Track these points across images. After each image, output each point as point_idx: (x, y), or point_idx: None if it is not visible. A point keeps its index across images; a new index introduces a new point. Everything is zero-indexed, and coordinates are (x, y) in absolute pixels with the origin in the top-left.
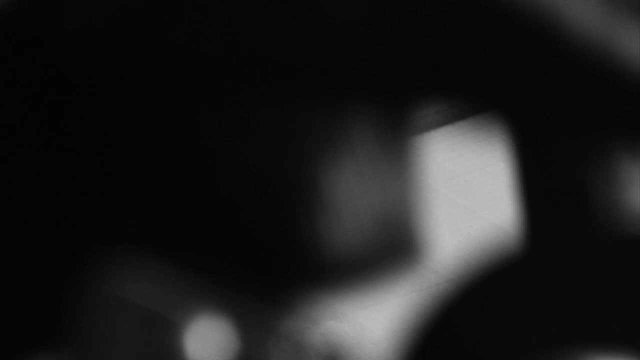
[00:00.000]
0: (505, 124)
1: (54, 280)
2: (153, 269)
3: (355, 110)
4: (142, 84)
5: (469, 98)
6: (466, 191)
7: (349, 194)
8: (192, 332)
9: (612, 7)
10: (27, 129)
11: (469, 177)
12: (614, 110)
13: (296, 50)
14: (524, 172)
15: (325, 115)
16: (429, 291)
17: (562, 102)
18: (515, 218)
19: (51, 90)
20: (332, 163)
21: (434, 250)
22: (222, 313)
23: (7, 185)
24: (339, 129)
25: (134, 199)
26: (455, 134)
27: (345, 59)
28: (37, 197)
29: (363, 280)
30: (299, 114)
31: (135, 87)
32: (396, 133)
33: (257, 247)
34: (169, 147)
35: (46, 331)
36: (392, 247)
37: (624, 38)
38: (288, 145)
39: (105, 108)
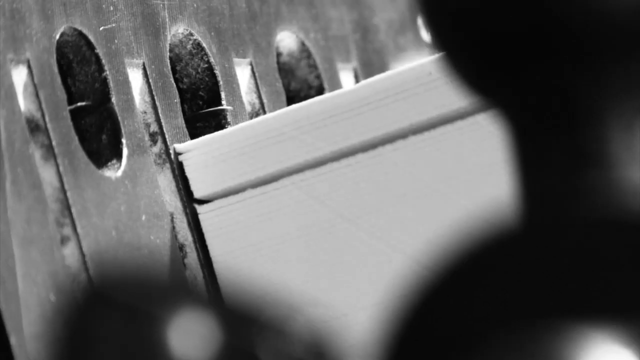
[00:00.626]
0: (506, 121)
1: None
2: (135, 265)
3: None
4: None
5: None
6: (465, 190)
7: None
8: (175, 326)
9: None
10: None
11: (468, 176)
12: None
13: None
14: (524, 171)
15: None
16: (412, 279)
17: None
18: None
19: None
20: None
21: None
22: (207, 305)
23: None
24: None
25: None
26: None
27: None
28: None
29: None
30: None
31: None
32: None
33: None
34: None
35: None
36: None
37: None
38: None
39: None
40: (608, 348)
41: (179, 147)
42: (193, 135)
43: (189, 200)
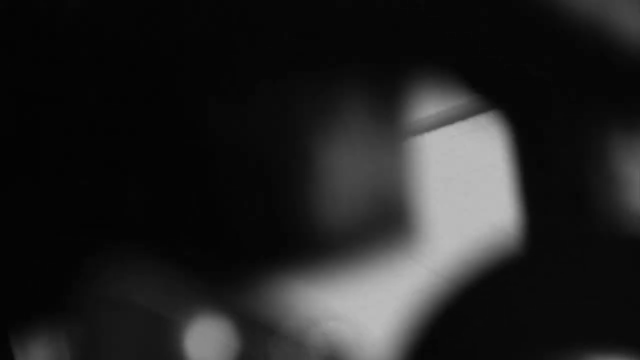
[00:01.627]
0: (506, 121)
1: (55, 280)
2: (153, 269)
3: (350, 83)
4: (136, 61)
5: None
6: (466, 191)
7: (342, 169)
8: (192, 331)
9: None
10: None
11: (469, 177)
12: (615, 96)
13: (291, 21)
14: (525, 171)
15: (319, 89)
16: (428, 290)
17: (561, 92)
18: (516, 218)
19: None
20: (326, 137)
21: (432, 249)
22: (222, 313)
23: (5, 186)
24: (333, 103)
25: (132, 196)
26: (454, 134)
27: (340, 28)
28: (36, 199)
29: (355, 255)
30: (293, 88)
31: (130, 65)
32: (391, 108)
33: (250, 224)
34: (165, 131)
35: (48, 331)
36: (385, 221)
37: (620, 15)
38: (282, 120)
39: (101, 93)
40: None
41: None
42: None
43: None
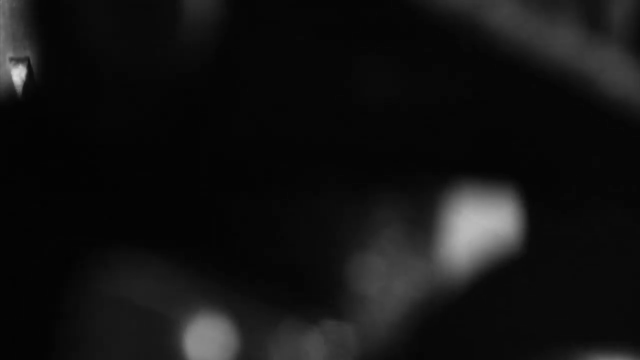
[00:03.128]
0: (515, 190)
1: (54, 280)
2: (152, 268)
3: (383, 194)
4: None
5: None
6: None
7: (374, 277)
8: (192, 330)
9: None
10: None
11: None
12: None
13: (326, 134)
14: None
15: (354, 200)
16: (428, 289)
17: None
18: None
19: None
20: (359, 247)
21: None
22: (222, 312)
23: (6, 186)
24: (366, 213)
25: (135, 196)
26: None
27: (372, 143)
28: (35, 199)
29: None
30: (328, 200)
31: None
32: (423, 216)
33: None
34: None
35: (48, 332)
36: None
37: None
38: (316, 227)
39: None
40: None
41: None
42: None
43: None
